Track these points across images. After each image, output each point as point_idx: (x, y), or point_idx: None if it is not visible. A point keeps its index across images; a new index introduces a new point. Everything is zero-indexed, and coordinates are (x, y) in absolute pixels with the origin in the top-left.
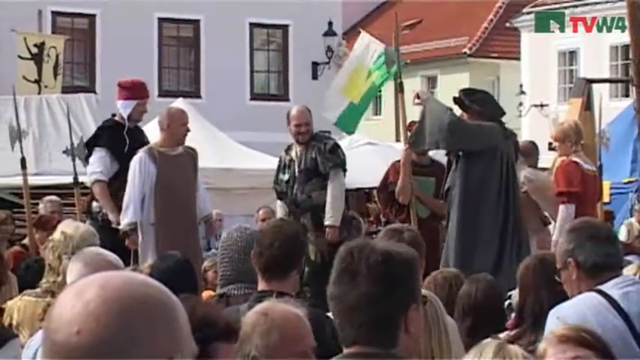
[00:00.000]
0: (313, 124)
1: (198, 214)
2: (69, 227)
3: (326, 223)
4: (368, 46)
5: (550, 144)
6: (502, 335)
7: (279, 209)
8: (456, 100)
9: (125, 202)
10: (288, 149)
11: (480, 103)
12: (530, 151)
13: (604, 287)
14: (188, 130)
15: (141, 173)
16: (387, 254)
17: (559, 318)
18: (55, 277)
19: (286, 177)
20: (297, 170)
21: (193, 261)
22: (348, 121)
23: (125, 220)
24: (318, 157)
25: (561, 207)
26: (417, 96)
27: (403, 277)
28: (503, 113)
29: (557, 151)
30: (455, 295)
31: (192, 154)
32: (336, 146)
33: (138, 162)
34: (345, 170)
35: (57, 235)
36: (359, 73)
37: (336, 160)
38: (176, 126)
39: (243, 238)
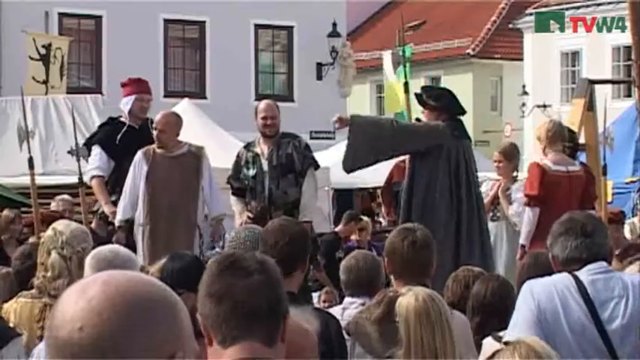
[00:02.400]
0: (319, 123)
1: (209, 214)
2: (60, 224)
3: (304, 219)
4: (389, 63)
5: None
6: (502, 333)
7: (237, 204)
8: (416, 97)
9: (120, 200)
10: (249, 146)
11: (435, 98)
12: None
13: (579, 272)
14: (162, 132)
15: (134, 173)
16: (263, 258)
17: (530, 291)
18: (44, 272)
19: (252, 172)
20: (266, 165)
21: None
22: None
23: (116, 217)
24: (295, 153)
25: (526, 209)
26: (340, 119)
27: (280, 281)
28: (462, 112)
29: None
30: (469, 293)
31: (196, 155)
32: (308, 145)
33: (134, 162)
34: (317, 168)
35: (48, 231)
36: (392, 88)
37: (312, 157)
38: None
39: (251, 237)
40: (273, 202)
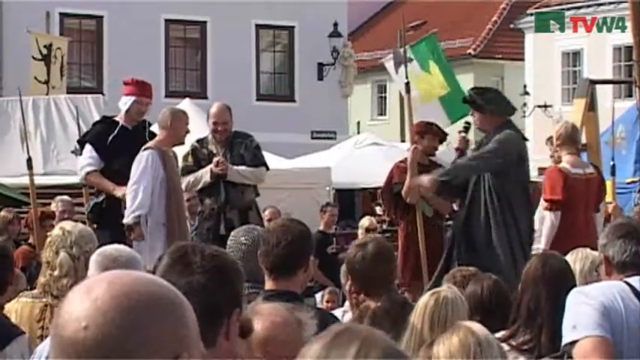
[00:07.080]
0: (321, 123)
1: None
2: (68, 224)
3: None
4: (399, 64)
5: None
6: (499, 335)
7: (192, 175)
8: (467, 101)
9: (131, 197)
10: (203, 142)
11: (494, 102)
12: None
13: (629, 279)
14: (188, 132)
15: (152, 170)
16: (219, 251)
17: (586, 294)
18: (50, 271)
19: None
20: None
21: None
22: (456, 109)
23: (133, 214)
24: (245, 153)
25: (546, 214)
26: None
27: (232, 276)
28: (515, 109)
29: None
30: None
31: (176, 156)
32: (258, 145)
33: (148, 159)
34: (267, 169)
35: (55, 231)
36: (420, 79)
37: (262, 158)
38: (180, 125)
39: (250, 237)
40: (230, 201)
